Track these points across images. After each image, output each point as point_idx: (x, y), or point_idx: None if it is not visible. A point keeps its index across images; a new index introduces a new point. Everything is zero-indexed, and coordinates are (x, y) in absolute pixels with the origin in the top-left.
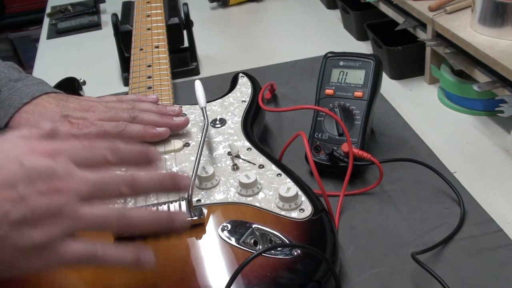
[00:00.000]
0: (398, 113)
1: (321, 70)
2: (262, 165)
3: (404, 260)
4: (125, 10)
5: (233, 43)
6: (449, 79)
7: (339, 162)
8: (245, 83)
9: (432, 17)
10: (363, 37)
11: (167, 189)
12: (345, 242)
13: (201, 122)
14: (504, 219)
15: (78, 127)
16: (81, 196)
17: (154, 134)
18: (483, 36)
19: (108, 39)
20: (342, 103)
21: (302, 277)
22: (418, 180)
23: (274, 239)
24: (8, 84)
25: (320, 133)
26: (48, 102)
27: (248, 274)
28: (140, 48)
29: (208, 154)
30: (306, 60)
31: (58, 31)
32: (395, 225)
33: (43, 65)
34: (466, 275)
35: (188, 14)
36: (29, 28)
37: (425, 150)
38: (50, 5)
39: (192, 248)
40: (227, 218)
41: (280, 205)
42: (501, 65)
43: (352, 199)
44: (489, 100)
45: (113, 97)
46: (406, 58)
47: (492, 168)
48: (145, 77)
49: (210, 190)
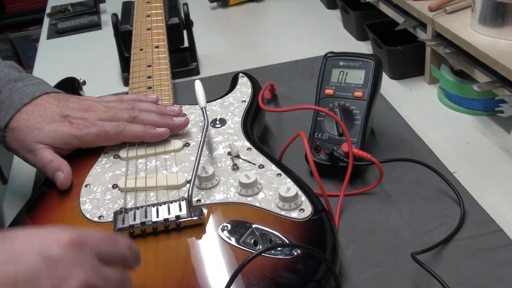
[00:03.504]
0: (398, 113)
1: (321, 70)
2: (262, 165)
3: (404, 260)
4: (125, 10)
5: (233, 43)
6: (449, 79)
7: (339, 162)
8: (245, 83)
9: (432, 17)
10: (363, 37)
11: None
12: (345, 242)
13: (201, 122)
14: (504, 219)
15: (78, 127)
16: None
17: (154, 134)
18: (483, 36)
19: (108, 39)
20: (342, 103)
21: (302, 277)
22: (418, 180)
23: (274, 239)
24: (8, 84)
25: (320, 133)
26: (48, 102)
27: (248, 274)
28: (140, 48)
29: (208, 154)
30: (306, 60)
31: (58, 31)
32: (395, 225)
33: (43, 65)
34: (466, 275)
35: (188, 14)
36: (29, 28)
37: (425, 150)
38: (50, 5)
39: (192, 248)
40: (227, 218)
41: (280, 205)
42: (501, 65)
43: (352, 199)
44: (489, 100)
45: (113, 97)
46: (406, 58)
47: (492, 168)
48: (145, 77)
49: (210, 190)
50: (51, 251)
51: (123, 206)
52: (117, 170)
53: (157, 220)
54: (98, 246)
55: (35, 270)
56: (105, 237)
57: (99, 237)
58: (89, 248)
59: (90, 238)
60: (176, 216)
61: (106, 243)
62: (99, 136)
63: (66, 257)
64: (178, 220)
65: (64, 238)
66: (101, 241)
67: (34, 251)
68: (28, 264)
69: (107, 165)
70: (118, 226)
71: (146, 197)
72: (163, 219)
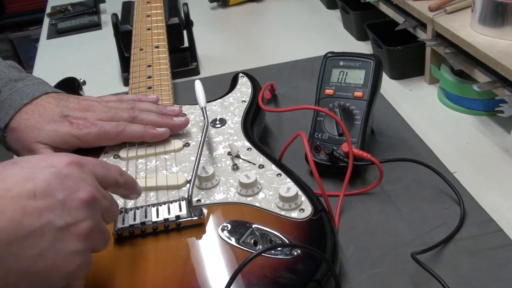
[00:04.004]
0: (398, 113)
1: (321, 70)
2: (262, 165)
3: (404, 260)
4: (125, 10)
5: (233, 43)
6: (449, 79)
7: (339, 162)
8: (245, 83)
9: (432, 17)
10: (363, 37)
11: None
12: (345, 242)
13: (201, 122)
14: (504, 219)
15: (78, 127)
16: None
17: (154, 134)
18: (483, 36)
19: (108, 39)
20: (342, 103)
21: (302, 277)
22: (418, 180)
23: (274, 239)
24: (8, 84)
25: (320, 133)
26: (48, 102)
27: (248, 274)
28: (140, 48)
29: (208, 154)
30: (306, 60)
31: (58, 31)
32: (395, 225)
33: (43, 65)
34: (466, 275)
35: (188, 14)
36: (29, 28)
37: (425, 150)
38: (50, 5)
39: (192, 248)
40: (227, 218)
41: (280, 205)
42: (501, 65)
43: (352, 199)
44: (489, 100)
45: (113, 97)
46: (406, 58)
47: (492, 168)
48: (145, 77)
49: (210, 190)
50: (60, 169)
51: (123, 206)
52: None
53: (157, 220)
54: (94, 168)
55: (50, 183)
56: (99, 162)
57: (94, 162)
58: (87, 168)
59: (87, 160)
60: (176, 216)
61: (100, 166)
62: (99, 136)
63: (73, 174)
64: (178, 220)
65: (67, 159)
66: (96, 165)
67: (46, 169)
68: (43, 179)
69: None
70: (118, 226)
71: (146, 197)
72: (163, 219)
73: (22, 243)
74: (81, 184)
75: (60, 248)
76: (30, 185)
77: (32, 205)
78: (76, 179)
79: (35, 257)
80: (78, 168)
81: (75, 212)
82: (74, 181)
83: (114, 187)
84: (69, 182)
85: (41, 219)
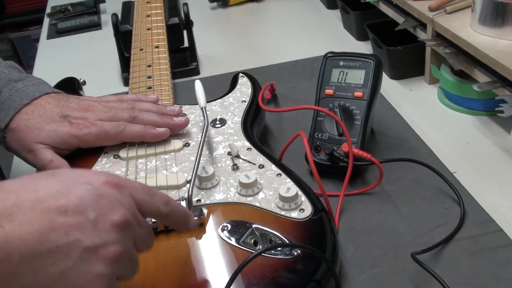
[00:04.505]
0: (398, 113)
1: (321, 70)
2: (262, 165)
3: (404, 260)
4: (125, 10)
5: (233, 43)
6: (449, 79)
7: (339, 162)
8: (245, 83)
9: (432, 17)
10: (363, 37)
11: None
12: (345, 242)
13: (201, 122)
14: (504, 219)
15: (78, 127)
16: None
17: (154, 134)
18: (483, 36)
19: (108, 39)
20: (342, 103)
21: (302, 277)
22: (418, 180)
23: (274, 239)
24: (8, 84)
25: (320, 133)
26: (48, 102)
27: (248, 274)
28: (140, 48)
29: (208, 154)
30: (306, 60)
31: (58, 31)
32: (395, 225)
33: (43, 65)
34: (466, 275)
35: (188, 14)
36: (29, 28)
37: (425, 150)
38: (50, 5)
39: (192, 248)
40: (227, 218)
41: (280, 205)
42: (501, 65)
43: (352, 199)
44: (489, 100)
45: (113, 97)
46: (406, 58)
47: (492, 168)
48: (145, 77)
49: (210, 190)
50: (96, 187)
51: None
52: (117, 170)
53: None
54: (135, 192)
55: (84, 201)
56: (143, 187)
57: (136, 185)
58: (127, 192)
59: (128, 183)
60: None
61: (142, 192)
62: (99, 136)
63: (109, 194)
64: None
65: (107, 178)
66: (138, 189)
67: (82, 185)
68: (77, 196)
69: (107, 165)
70: None
71: None
72: None
73: (44, 259)
74: (116, 206)
75: (84, 270)
76: (63, 200)
77: (61, 220)
78: (111, 200)
79: (56, 275)
80: (115, 189)
81: (105, 234)
82: (108, 202)
83: (156, 216)
84: (103, 202)
85: (68, 236)
